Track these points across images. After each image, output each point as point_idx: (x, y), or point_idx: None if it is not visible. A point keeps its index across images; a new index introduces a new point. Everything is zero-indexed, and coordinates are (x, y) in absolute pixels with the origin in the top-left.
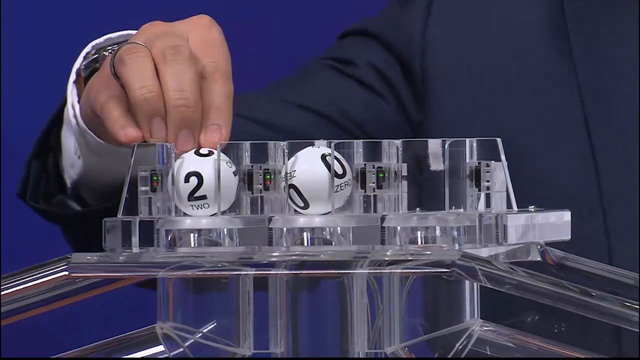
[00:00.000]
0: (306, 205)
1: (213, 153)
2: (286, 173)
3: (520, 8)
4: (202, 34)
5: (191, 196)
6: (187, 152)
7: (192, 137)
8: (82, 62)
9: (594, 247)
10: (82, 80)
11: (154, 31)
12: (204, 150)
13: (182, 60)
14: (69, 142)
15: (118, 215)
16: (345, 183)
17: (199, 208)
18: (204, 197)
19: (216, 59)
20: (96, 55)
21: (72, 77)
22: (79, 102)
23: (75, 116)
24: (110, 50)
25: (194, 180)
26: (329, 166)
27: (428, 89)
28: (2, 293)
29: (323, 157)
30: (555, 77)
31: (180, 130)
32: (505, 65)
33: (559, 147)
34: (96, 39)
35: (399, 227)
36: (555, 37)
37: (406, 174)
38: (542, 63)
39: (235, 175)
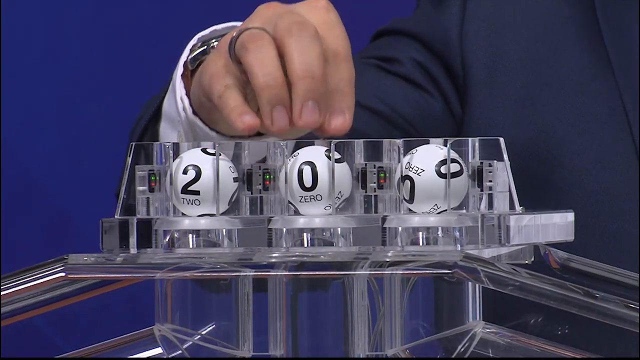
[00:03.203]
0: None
1: (221, 154)
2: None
3: (551, 3)
4: (320, 17)
5: (185, 189)
6: (311, 127)
7: (318, 110)
8: (189, 55)
9: (635, 242)
10: (189, 73)
11: (272, 12)
12: (210, 150)
13: (308, 35)
14: (170, 137)
15: (115, 216)
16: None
17: (190, 203)
18: (197, 192)
19: (337, 41)
20: (204, 48)
21: (180, 70)
22: (186, 95)
23: (184, 109)
24: (216, 43)
25: (191, 174)
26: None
27: (468, 85)
28: (1, 294)
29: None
30: (592, 72)
31: (306, 102)
32: (542, 60)
33: (601, 142)
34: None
35: (400, 228)
36: (588, 30)
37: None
38: (577, 57)
39: (235, 182)
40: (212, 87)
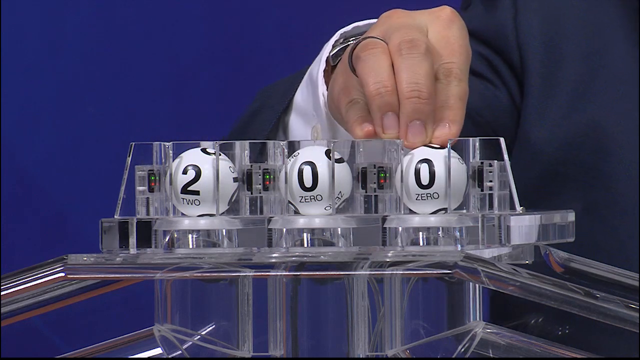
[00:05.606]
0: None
1: (221, 154)
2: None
3: None
4: (441, 30)
5: (185, 189)
6: (417, 146)
7: (424, 130)
8: (331, 50)
9: None
10: (330, 68)
11: (393, 23)
12: (210, 150)
13: (417, 54)
14: (300, 130)
15: (115, 216)
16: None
17: (190, 204)
18: (196, 192)
19: (453, 59)
20: (346, 44)
21: (322, 65)
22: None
23: (325, 104)
24: (354, 40)
25: (191, 173)
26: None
27: (524, 75)
28: (1, 294)
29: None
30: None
31: (411, 121)
32: (593, 51)
33: None
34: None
35: (400, 228)
36: (635, 20)
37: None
38: (628, 47)
39: (235, 182)
40: (339, 101)
